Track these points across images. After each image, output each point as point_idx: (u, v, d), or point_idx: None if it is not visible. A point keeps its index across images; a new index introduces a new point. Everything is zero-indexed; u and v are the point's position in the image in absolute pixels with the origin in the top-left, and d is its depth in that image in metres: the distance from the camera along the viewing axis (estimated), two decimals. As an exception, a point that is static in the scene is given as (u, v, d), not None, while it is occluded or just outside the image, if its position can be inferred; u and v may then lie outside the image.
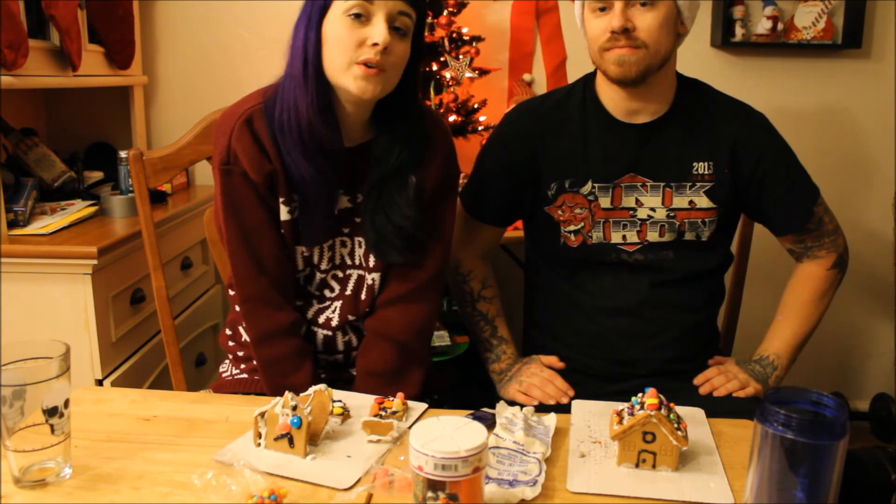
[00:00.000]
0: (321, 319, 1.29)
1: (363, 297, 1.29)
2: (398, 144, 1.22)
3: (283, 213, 1.21)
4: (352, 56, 1.12)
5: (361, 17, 1.11)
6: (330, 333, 1.29)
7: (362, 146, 1.24)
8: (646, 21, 1.23)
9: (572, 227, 1.35)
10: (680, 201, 1.34)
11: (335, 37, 1.13)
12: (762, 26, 2.25)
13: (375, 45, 1.10)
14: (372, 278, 1.28)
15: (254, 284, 1.21)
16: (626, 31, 1.23)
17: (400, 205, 1.22)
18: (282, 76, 1.20)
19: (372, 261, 1.27)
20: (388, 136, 1.22)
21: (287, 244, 1.23)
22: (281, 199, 1.21)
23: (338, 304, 1.29)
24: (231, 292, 1.36)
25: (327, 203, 1.23)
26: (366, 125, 1.24)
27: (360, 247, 1.28)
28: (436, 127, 1.30)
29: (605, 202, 1.34)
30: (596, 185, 1.34)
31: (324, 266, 1.28)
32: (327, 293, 1.29)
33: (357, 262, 1.28)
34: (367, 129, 1.25)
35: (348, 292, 1.29)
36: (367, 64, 1.11)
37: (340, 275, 1.29)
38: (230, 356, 1.38)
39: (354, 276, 1.29)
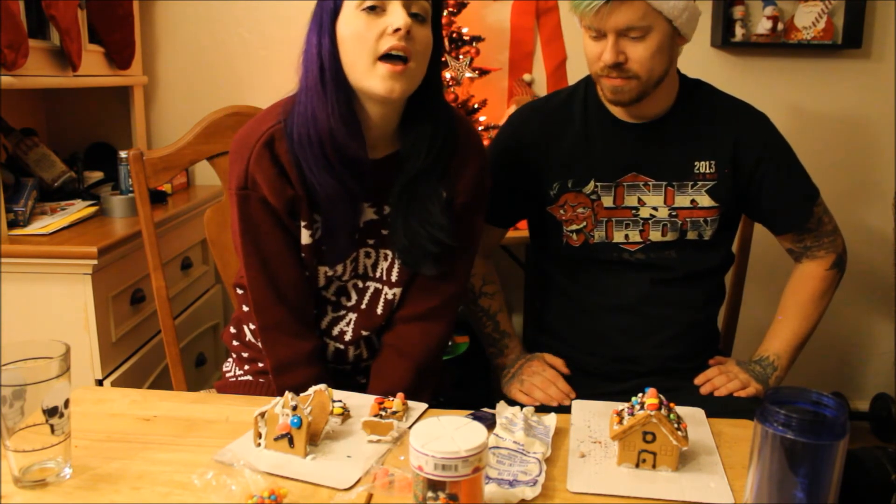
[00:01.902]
0: (335, 332, 1.26)
1: (380, 311, 1.25)
2: (425, 143, 1.16)
3: (305, 237, 1.17)
4: (374, 49, 1.06)
5: (377, 9, 1.07)
6: (342, 347, 1.27)
7: (389, 157, 1.19)
8: (637, 52, 1.22)
9: (574, 227, 1.35)
10: (682, 200, 1.34)
11: (353, 34, 1.08)
12: (762, 26, 2.25)
13: (397, 30, 1.05)
14: (393, 293, 1.24)
15: (274, 313, 1.17)
16: (619, 65, 1.23)
17: (433, 212, 1.17)
18: (297, 90, 1.15)
19: (395, 275, 1.23)
20: (415, 137, 1.17)
21: (308, 266, 1.19)
22: (303, 224, 1.16)
23: (353, 316, 1.26)
24: (239, 291, 1.33)
25: (351, 217, 1.18)
26: (392, 135, 1.19)
27: (384, 259, 1.23)
28: (469, 138, 1.24)
29: (607, 201, 1.34)
30: (598, 184, 1.34)
31: (345, 277, 1.24)
32: (344, 301, 1.26)
33: (378, 275, 1.24)
34: (394, 140, 1.19)
35: (364, 305, 1.25)
36: (391, 54, 1.06)
37: (360, 285, 1.25)
38: (234, 355, 1.36)
39: (371, 289, 1.25)
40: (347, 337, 1.26)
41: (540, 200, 1.38)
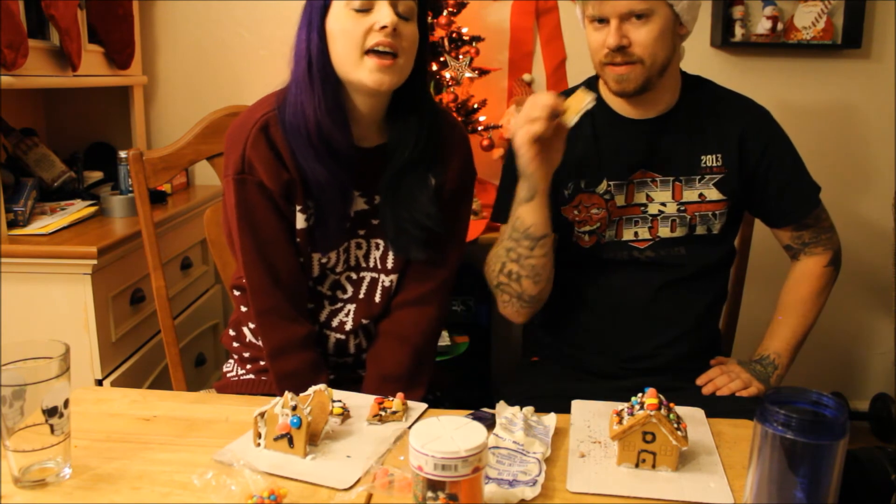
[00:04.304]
0: (334, 323, 1.28)
1: (378, 299, 1.28)
2: (411, 136, 1.21)
3: (300, 221, 1.20)
4: (361, 45, 1.11)
5: (364, 8, 1.12)
6: (343, 337, 1.29)
7: (379, 147, 1.24)
8: (640, 35, 1.23)
9: (587, 228, 1.35)
10: (690, 195, 1.34)
11: (341, 31, 1.12)
12: (762, 26, 2.25)
13: (384, 28, 1.10)
14: (390, 280, 1.28)
15: (269, 297, 1.20)
16: (622, 49, 1.24)
17: (421, 202, 1.22)
18: (288, 83, 1.19)
19: (390, 262, 1.27)
20: (401, 128, 1.22)
21: (302, 252, 1.22)
22: (298, 208, 1.20)
23: (351, 307, 1.28)
24: (236, 293, 1.35)
25: (342, 205, 1.21)
26: (380, 125, 1.24)
27: (376, 249, 1.27)
28: (454, 130, 1.30)
29: (620, 200, 1.35)
30: (611, 183, 1.34)
31: (339, 269, 1.27)
32: (340, 294, 1.28)
33: (372, 264, 1.28)
34: (383, 130, 1.25)
35: (361, 295, 1.28)
36: (378, 49, 1.11)
37: (354, 276, 1.28)
38: (235, 356, 1.37)
39: (368, 279, 1.28)
40: (348, 326, 1.28)
41: (554, 201, 1.38)
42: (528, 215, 1.24)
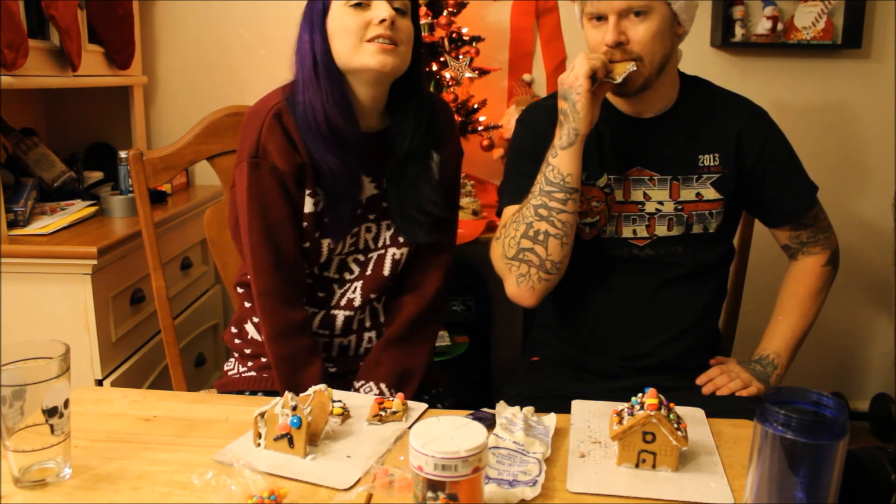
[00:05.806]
0: (343, 302, 1.33)
1: (386, 272, 1.33)
2: (410, 127, 1.28)
3: (308, 205, 1.25)
4: (361, 36, 1.18)
5: (362, 5, 1.18)
6: (351, 314, 1.33)
7: (381, 132, 1.30)
8: (639, 33, 1.24)
9: (588, 220, 1.36)
10: (687, 194, 1.35)
11: (341, 27, 1.19)
12: (762, 26, 2.25)
13: (383, 21, 1.16)
14: (401, 252, 1.33)
15: (272, 279, 1.23)
16: (620, 45, 1.24)
17: (424, 190, 1.29)
18: (294, 81, 1.25)
19: (402, 237, 1.33)
20: (401, 119, 1.29)
21: (309, 237, 1.26)
22: (307, 192, 1.24)
23: (358, 284, 1.33)
24: (239, 290, 1.37)
25: (353, 192, 1.27)
26: (381, 113, 1.30)
27: (388, 229, 1.33)
28: (444, 111, 1.39)
29: (618, 195, 1.35)
30: (611, 177, 1.35)
31: (345, 251, 1.31)
32: (347, 275, 1.33)
33: (381, 244, 1.33)
34: (384, 117, 1.31)
35: (368, 272, 1.33)
36: (379, 39, 1.17)
37: (362, 258, 1.33)
38: (236, 354, 1.39)
39: (374, 257, 1.33)
40: (357, 303, 1.32)
41: None
42: (566, 164, 1.25)
